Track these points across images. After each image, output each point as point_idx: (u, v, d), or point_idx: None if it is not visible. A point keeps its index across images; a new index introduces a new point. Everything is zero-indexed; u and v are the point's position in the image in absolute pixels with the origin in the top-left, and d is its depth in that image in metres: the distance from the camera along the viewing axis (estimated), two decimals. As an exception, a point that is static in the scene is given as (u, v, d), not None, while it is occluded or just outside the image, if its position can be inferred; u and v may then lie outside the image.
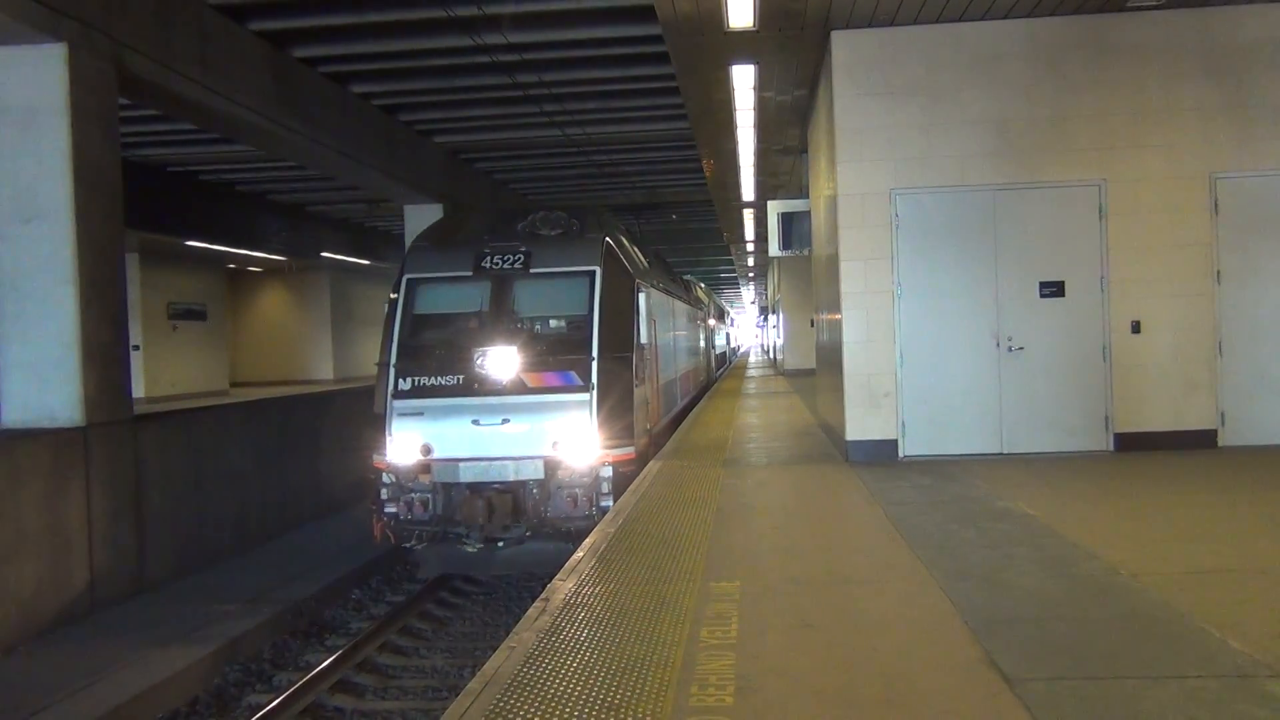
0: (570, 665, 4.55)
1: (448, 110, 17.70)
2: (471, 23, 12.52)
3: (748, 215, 26.26)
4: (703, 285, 33.12)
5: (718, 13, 9.99)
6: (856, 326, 10.81)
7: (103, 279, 9.90)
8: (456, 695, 4.46)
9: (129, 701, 7.25)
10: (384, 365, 10.78)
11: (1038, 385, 10.60)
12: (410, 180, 18.43)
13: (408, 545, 10.67)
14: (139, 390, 24.54)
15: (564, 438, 10.32)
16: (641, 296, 11.69)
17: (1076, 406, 10.60)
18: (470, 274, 11.11)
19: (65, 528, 9.15)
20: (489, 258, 11.12)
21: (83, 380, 9.54)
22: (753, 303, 70.43)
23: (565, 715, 3.98)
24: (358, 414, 12.39)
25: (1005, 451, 10.61)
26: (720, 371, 37.78)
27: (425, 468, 10.38)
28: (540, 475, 10.28)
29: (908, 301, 10.71)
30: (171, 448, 10.96)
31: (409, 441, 10.43)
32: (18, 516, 8.61)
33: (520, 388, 10.49)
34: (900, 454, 10.71)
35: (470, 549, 10.46)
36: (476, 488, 10.28)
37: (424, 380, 10.58)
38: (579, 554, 6.87)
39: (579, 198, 26.65)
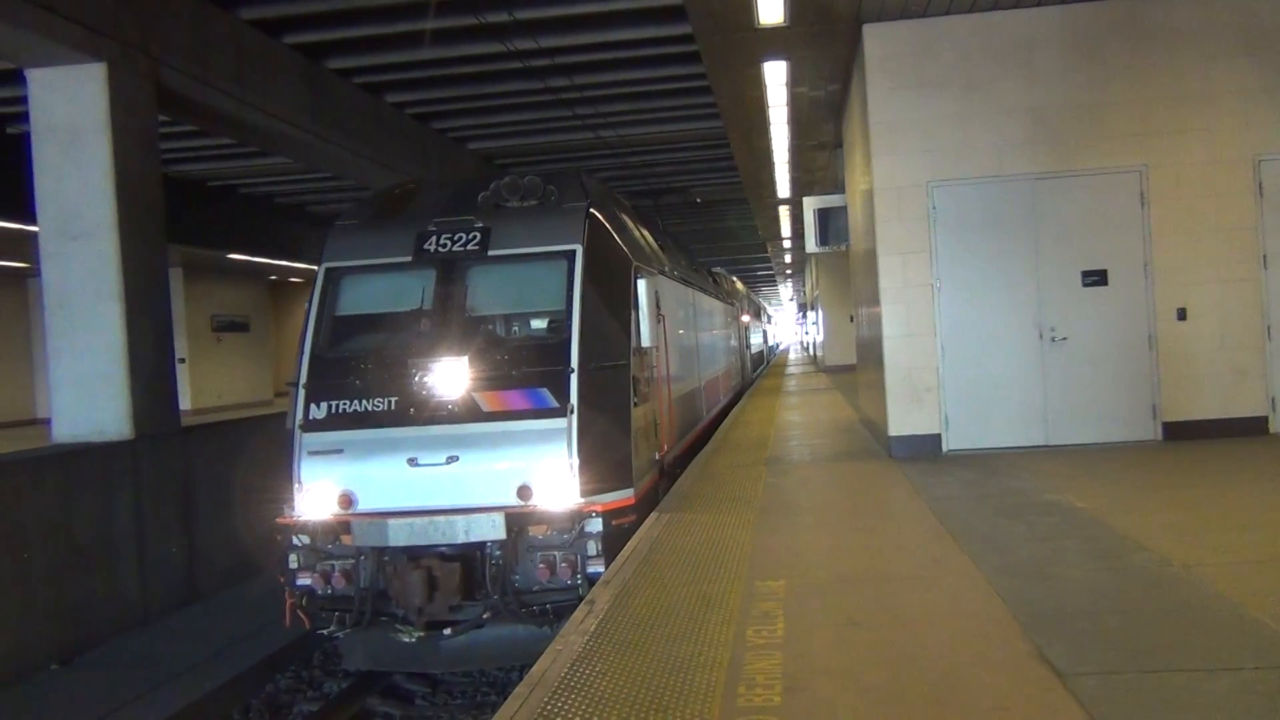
0: (617, 666, 4.55)
1: (480, 117, 17.79)
2: (502, 29, 12.57)
3: (783, 212, 26.20)
4: (735, 279, 32.43)
5: (748, 10, 9.97)
6: (896, 321, 10.74)
7: (147, 294, 10.02)
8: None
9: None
10: (294, 385, 8.18)
11: (1082, 375, 10.48)
12: (446, 187, 18.52)
13: (324, 631, 7.77)
14: (185, 402, 24.86)
15: (534, 480, 7.51)
16: (643, 285, 8.98)
17: (1122, 396, 10.47)
18: (409, 259, 8.35)
19: (116, 540, 9.28)
20: (434, 237, 8.37)
21: (130, 394, 9.66)
22: (791, 299, 70.22)
23: (614, 716, 3.98)
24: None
25: (1051, 443, 10.50)
26: (758, 372, 37.44)
27: (345, 525, 7.57)
28: (501, 534, 7.36)
29: (948, 294, 10.63)
30: (218, 458, 11.08)
31: (324, 489, 7.69)
32: (70, 529, 8.75)
33: (474, 413, 7.73)
34: (944, 448, 10.63)
35: (406, 638, 7.55)
36: (414, 553, 7.47)
37: (344, 405, 7.89)
38: (623, 555, 6.86)
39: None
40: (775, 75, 12.50)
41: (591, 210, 8.57)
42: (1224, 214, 10.33)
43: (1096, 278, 10.46)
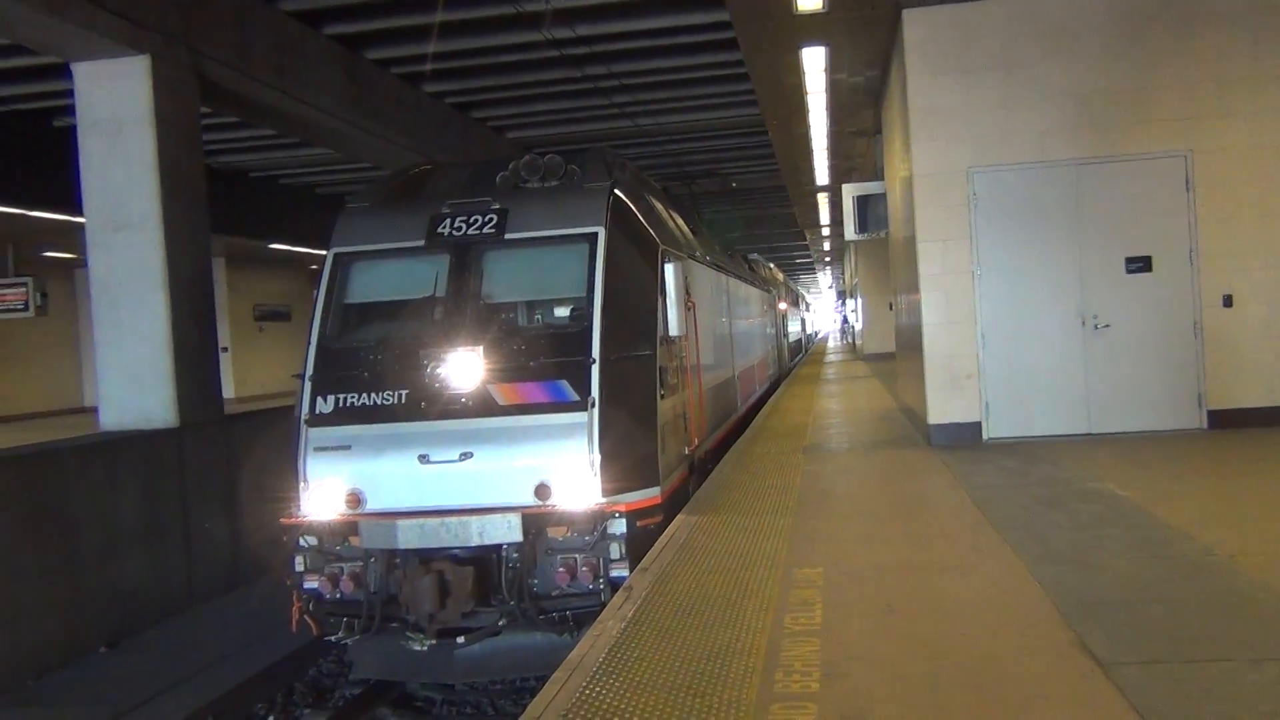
0: (655, 651, 4.57)
1: (519, 105, 17.83)
2: (540, 17, 12.59)
3: (822, 199, 26.07)
4: (772, 265, 31.98)
5: (786, -4, 9.93)
6: (936, 308, 10.67)
7: (191, 283, 10.16)
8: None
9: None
10: (300, 378, 7.76)
11: (1125, 363, 10.36)
12: (484, 177, 18.56)
13: (332, 638, 7.33)
14: (228, 390, 25.20)
15: (553, 478, 7.04)
16: (670, 270, 8.31)
17: (1166, 384, 10.34)
18: (421, 244, 7.87)
19: (162, 525, 9.44)
20: (448, 220, 7.87)
21: (175, 382, 9.80)
22: (830, 287, 69.90)
23: (651, 700, 4.00)
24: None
25: (1093, 432, 10.39)
26: (796, 360, 37.18)
27: (353, 526, 7.15)
28: (517, 535, 6.88)
29: (988, 281, 10.54)
30: (260, 446, 11.20)
31: (330, 488, 7.28)
32: (117, 515, 8.91)
33: (489, 407, 7.23)
34: (984, 436, 10.55)
35: (417, 646, 7.09)
36: (425, 555, 7.02)
37: (352, 399, 7.44)
38: (661, 542, 6.87)
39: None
40: (814, 61, 12.42)
41: (615, 190, 8.06)
42: (1271, 199, 10.16)
43: (1140, 264, 10.32)
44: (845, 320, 56.52)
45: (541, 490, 7.02)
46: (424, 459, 7.15)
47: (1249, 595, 4.95)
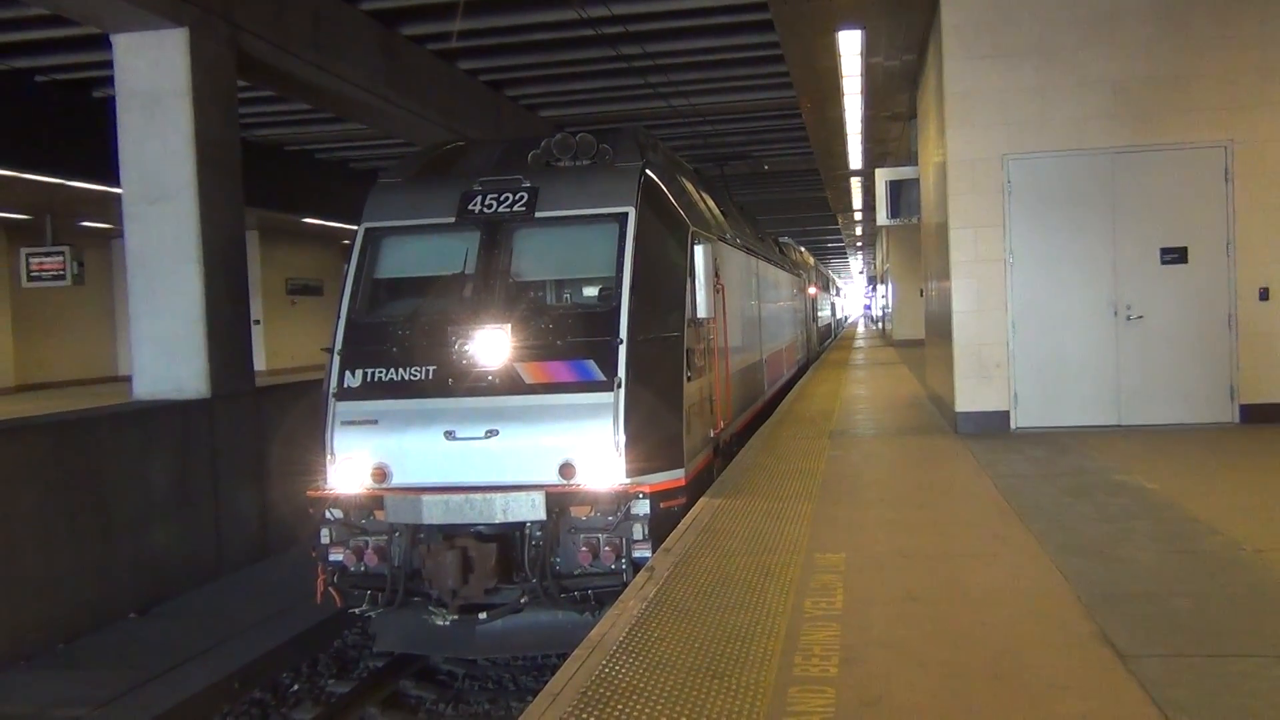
0: (675, 632, 4.60)
1: (553, 84, 17.82)
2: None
3: (855, 184, 25.93)
4: (803, 249, 31.69)
5: (823, -22, 9.86)
6: (967, 296, 10.60)
7: (225, 256, 10.24)
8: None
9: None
10: (329, 351, 7.80)
11: (1158, 355, 10.27)
12: (517, 155, 18.57)
13: (356, 610, 7.40)
14: (260, 363, 25.40)
15: (578, 458, 7.08)
16: (700, 251, 8.27)
17: (1199, 377, 10.24)
18: (452, 221, 7.89)
19: (193, 496, 9.55)
20: (479, 198, 7.87)
21: (208, 354, 9.90)
22: (861, 272, 69.56)
23: (670, 680, 4.03)
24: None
25: (1123, 423, 10.31)
26: (825, 345, 36.93)
27: (379, 500, 7.21)
28: (541, 514, 6.90)
29: (1020, 269, 10.46)
30: (290, 418, 11.30)
31: (357, 462, 7.34)
32: (149, 485, 9.03)
33: (515, 385, 7.26)
34: (1012, 425, 10.50)
35: (440, 621, 7.12)
36: (449, 531, 7.05)
37: (379, 374, 7.50)
38: (684, 524, 6.90)
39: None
40: (849, 44, 12.34)
41: (647, 171, 8.03)
42: (1312, 191, 10.02)
43: (1176, 255, 10.22)
44: (868, 306, 56.29)
45: (566, 469, 7.06)
46: (450, 435, 7.20)
47: (1275, 591, 4.91)
